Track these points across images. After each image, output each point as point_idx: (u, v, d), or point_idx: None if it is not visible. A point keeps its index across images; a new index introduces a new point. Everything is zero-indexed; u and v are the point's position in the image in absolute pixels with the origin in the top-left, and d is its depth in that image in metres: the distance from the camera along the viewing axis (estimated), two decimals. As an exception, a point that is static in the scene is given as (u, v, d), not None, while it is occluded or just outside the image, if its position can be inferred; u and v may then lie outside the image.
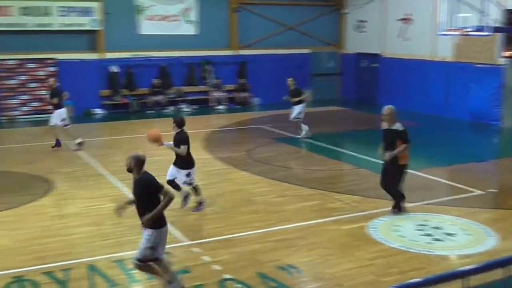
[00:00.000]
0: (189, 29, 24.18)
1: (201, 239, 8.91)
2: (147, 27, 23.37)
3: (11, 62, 21.18)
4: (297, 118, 17.11)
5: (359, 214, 10.04)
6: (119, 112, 22.35)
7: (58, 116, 15.54)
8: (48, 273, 7.54)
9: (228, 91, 24.37)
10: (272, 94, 23.38)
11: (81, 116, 21.28)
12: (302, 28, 25.88)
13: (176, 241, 8.75)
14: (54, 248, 8.54)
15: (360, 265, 7.88)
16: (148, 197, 6.59)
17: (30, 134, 18.44)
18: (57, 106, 15.57)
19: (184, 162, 10.00)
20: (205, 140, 16.65)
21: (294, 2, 25.66)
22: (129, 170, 6.74)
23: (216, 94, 24.18)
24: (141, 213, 6.65)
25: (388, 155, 9.51)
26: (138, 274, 7.53)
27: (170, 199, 6.59)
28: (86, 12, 21.85)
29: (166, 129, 11.86)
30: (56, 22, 21.48)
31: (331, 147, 16.08)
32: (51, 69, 21.67)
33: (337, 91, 27.06)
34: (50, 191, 11.61)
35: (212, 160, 14.31)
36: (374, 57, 24.79)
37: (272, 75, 24.82)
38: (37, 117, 20.74)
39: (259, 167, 13.64)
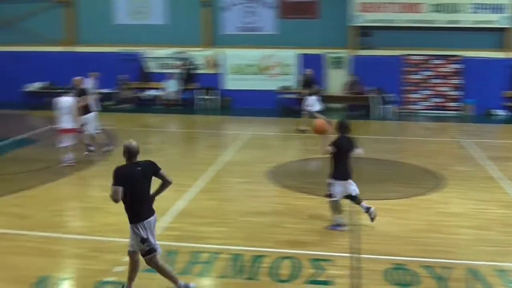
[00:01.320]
0: None
1: None
2: None
3: (417, 57, 21.86)
4: None
5: None
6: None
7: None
8: (428, 267, 7.56)
9: None
10: None
11: (481, 116, 20.71)
12: None
13: None
14: (436, 243, 8.52)
15: None
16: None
17: (429, 129, 18.78)
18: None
19: (333, 170, 8.93)
20: None
21: None
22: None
23: None
24: None
25: None
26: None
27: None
28: (497, 9, 21.03)
29: None
30: (466, 19, 21.24)
31: None
32: (456, 66, 21.59)
33: None
34: (440, 187, 11.60)
35: None
36: None
37: None
38: (437, 113, 20.97)
39: None
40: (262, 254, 7.96)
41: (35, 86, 23.10)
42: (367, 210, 9.05)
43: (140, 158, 6.75)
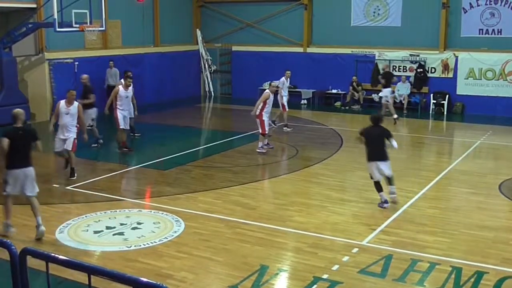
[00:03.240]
0: None
1: None
2: None
3: None
4: None
5: None
6: None
7: None
8: None
9: None
10: None
11: None
12: None
13: None
14: None
15: None
16: None
17: None
18: None
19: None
20: None
21: None
22: None
23: None
24: None
25: None
26: None
27: None
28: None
29: None
30: None
31: None
32: None
33: None
34: None
35: None
36: None
37: None
38: None
39: None
40: (485, 271, 7.48)
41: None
42: (392, 193, 10.30)
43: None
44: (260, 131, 14.56)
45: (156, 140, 16.62)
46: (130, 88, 14.99)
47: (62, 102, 12.26)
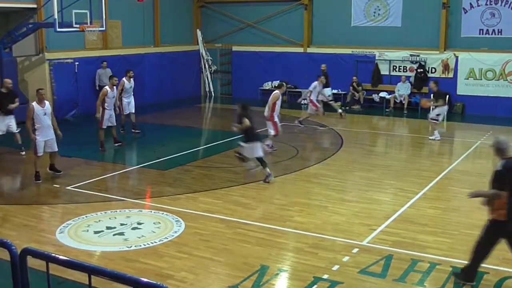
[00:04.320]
0: None
1: None
2: None
3: None
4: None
5: None
6: None
7: None
8: None
9: None
10: None
11: None
12: None
13: None
14: None
15: None
16: None
17: None
18: None
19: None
20: None
21: None
22: None
23: None
24: None
25: None
26: None
27: None
28: None
29: None
30: None
31: None
32: None
33: None
34: None
35: None
36: None
37: None
38: None
39: None
40: (485, 271, 7.47)
41: (271, 84, 24.39)
42: (268, 175, 11.93)
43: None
44: (273, 132, 14.67)
45: (156, 140, 16.62)
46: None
47: (35, 104, 11.68)
